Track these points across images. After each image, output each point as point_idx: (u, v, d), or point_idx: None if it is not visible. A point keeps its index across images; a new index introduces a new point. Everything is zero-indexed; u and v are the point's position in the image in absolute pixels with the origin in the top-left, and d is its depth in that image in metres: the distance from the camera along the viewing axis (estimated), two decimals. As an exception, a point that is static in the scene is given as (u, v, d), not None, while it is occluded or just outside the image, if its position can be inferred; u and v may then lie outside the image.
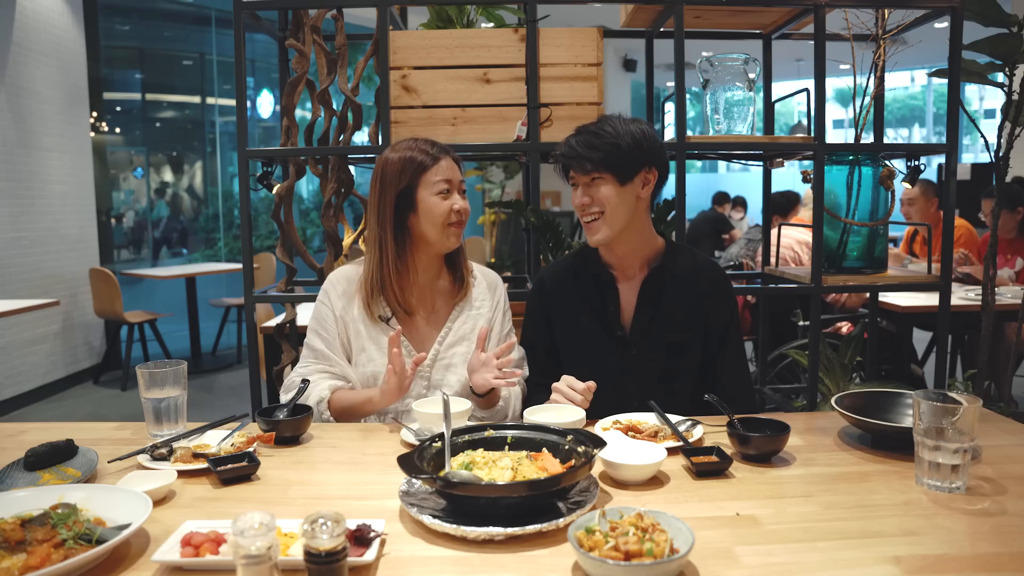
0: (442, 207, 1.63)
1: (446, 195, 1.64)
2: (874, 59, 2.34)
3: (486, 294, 1.77)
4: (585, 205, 1.63)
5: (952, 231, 2.35)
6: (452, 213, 1.63)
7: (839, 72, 3.35)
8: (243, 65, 2.21)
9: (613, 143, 1.58)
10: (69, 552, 0.91)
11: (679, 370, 1.68)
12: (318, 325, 1.69)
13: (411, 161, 1.64)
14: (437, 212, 1.62)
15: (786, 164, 2.71)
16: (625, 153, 1.59)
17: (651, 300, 1.68)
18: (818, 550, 0.97)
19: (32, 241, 5.07)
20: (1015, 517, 1.06)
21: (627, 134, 1.59)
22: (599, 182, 1.61)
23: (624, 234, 1.65)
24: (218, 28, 7.90)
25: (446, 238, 1.65)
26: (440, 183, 1.63)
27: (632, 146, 1.59)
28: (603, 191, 1.60)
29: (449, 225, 1.64)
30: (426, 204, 1.63)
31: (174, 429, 1.45)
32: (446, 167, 1.65)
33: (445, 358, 1.69)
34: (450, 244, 1.66)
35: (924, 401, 1.16)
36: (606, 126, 1.61)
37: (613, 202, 1.60)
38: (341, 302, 1.68)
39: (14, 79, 4.90)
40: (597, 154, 1.58)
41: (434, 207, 1.62)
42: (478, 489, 1.04)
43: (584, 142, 1.60)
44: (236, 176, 3.71)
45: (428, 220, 1.63)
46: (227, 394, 5.30)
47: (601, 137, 1.59)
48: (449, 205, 1.63)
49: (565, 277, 1.77)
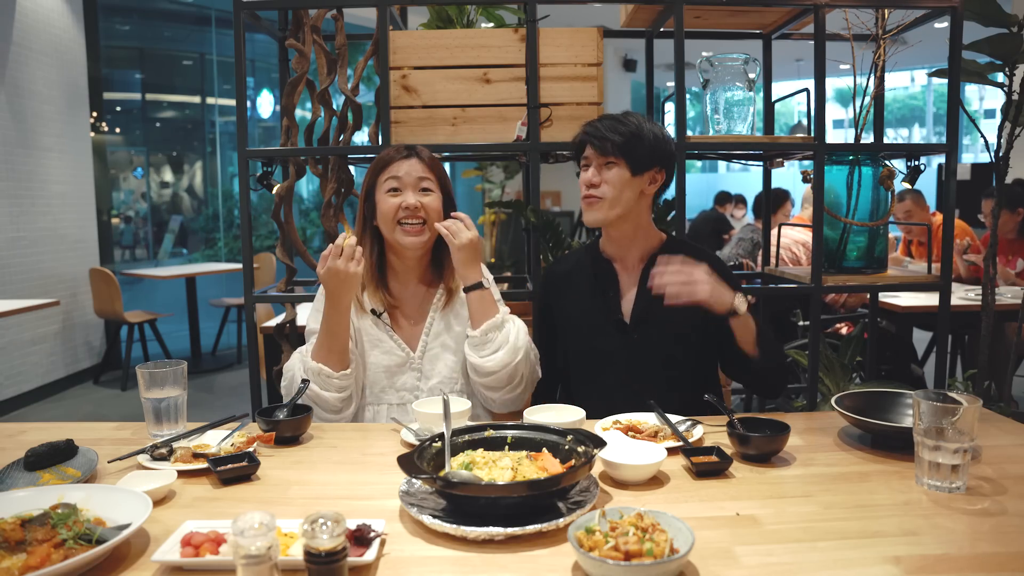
0: (388, 204, 1.65)
1: (395, 193, 1.66)
2: (874, 59, 2.34)
3: None
4: (593, 183, 1.66)
5: (952, 231, 2.35)
6: (399, 209, 1.64)
7: (839, 72, 3.35)
8: (243, 65, 2.21)
9: (636, 132, 1.65)
10: (69, 552, 0.91)
11: (680, 356, 1.70)
12: (316, 310, 1.73)
13: (375, 163, 1.71)
14: (384, 209, 1.66)
15: (786, 164, 2.71)
16: (644, 146, 1.65)
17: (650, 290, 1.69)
18: (818, 550, 0.97)
19: (32, 241, 5.07)
20: (1015, 517, 1.06)
21: (649, 131, 1.66)
22: (612, 166, 1.65)
23: (623, 223, 1.70)
24: (218, 28, 7.90)
25: (398, 236, 1.66)
26: (389, 181, 1.67)
27: (652, 142, 1.66)
28: (614, 174, 1.65)
29: (399, 223, 1.65)
30: (380, 204, 1.68)
31: (174, 429, 1.45)
32: (402, 166, 1.67)
33: (433, 347, 1.73)
34: (404, 243, 1.66)
35: (924, 401, 1.16)
36: (631, 118, 1.68)
37: (619, 188, 1.65)
38: None
39: (14, 79, 4.90)
40: (619, 138, 1.64)
41: (382, 204, 1.67)
42: (478, 489, 1.04)
43: (609, 126, 1.65)
44: (236, 176, 3.71)
45: (381, 219, 1.68)
46: (227, 394, 5.30)
47: (626, 125, 1.66)
48: (396, 202, 1.65)
49: (567, 270, 1.83)
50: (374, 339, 1.71)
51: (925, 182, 2.74)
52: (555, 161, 2.50)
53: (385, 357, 1.70)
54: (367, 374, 1.70)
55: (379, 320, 1.71)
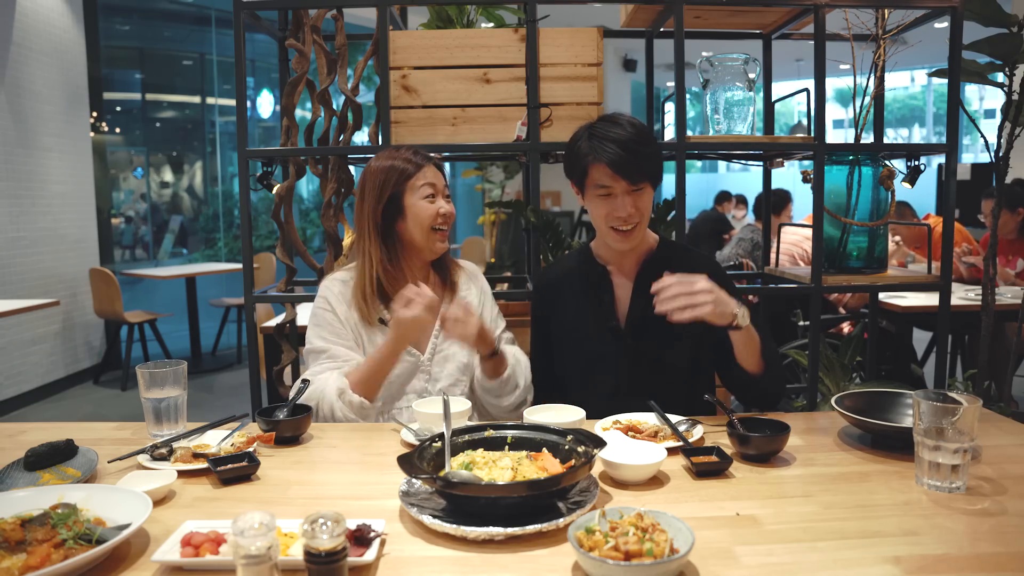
0: (429, 210, 1.67)
1: (432, 199, 1.68)
2: (874, 59, 2.34)
3: (469, 282, 1.83)
4: (631, 216, 1.59)
5: (952, 231, 2.35)
6: (438, 216, 1.68)
7: (839, 72, 3.35)
8: (243, 65, 2.21)
9: (658, 152, 1.61)
10: (69, 552, 0.91)
11: (674, 361, 1.68)
12: (318, 326, 1.69)
13: (393, 169, 1.68)
14: (424, 216, 1.67)
15: (786, 164, 2.71)
16: (661, 157, 1.63)
17: (645, 290, 1.68)
18: (818, 550, 0.97)
19: (32, 241, 5.07)
20: (1015, 517, 1.06)
21: (656, 140, 1.63)
22: (644, 190, 1.59)
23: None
24: (218, 28, 7.90)
25: (432, 242, 1.70)
26: (425, 187, 1.68)
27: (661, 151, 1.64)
28: (644, 200, 1.60)
29: (434, 229, 1.69)
30: (413, 209, 1.67)
31: (174, 429, 1.45)
32: (430, 173, 1.70)
33: (443, 350, 1.73)
34: (435, 249, 1.71)
35: (924, 401, 1.16)
36: (644, 131, 1.60)
37: (648, 209, 1.62)
38: (342, 306, 1.70)
39: (14, 79, 4.90)
40: (651, 165, 1.58)
41: (421, 211, 1.67)
42: (478, 489, 1.04)
43: (639, 153, 1.55)
44: (236, 176, 3.71)
45: (416, 224, 1.68)
46: (227, 394, 5.30)
47: (650, 145, 1.58)
48: (435, 208, 1.68)
49: (560, 275, 1.81)
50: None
51: (925, 182, 2.74)
52: (555, 161, 2.50)
53: (397, 365, 1.66)
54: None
55: (387, 327, 1.67)
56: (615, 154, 1.54)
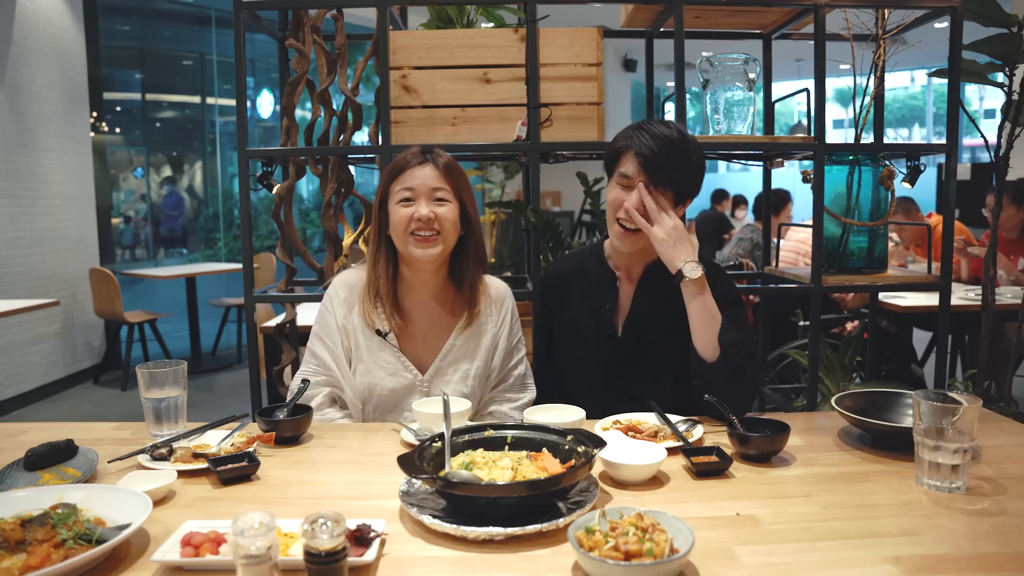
0: (400, 215, 1.57)
1: (407, 203, 1.58)
2: (874, 59, 2.33)
3: (491, 308, 1.71)
4: (638, 210, 1.55)
5: (952, 230, 2.35)
6: (411, 221, 1.56)
7: (839, 72, 3.35)
8: (243, 65, 2.21)
9: (691, 166, 1.58)
10: (69, 552, 0.91)
11: (671, 368, 1.66)
12: (322, 331, 1.68)
13: (389, 169, 1.63)
14: (395, 220, 1.58)
15: (786, 164, 2.71)
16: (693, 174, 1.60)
17: (646, 298, 1.68)
18: (818, 550, 0.97)
19: (32, 241, 5.07)
20: (1015, 517, 1.06)
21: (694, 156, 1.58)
22: (663, 197, 1.57)
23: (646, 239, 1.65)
24: (218, 28, 7.90)
25: (409, 248, 1.58)
26: (402, 191, 1.58)
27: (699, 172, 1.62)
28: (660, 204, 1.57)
29: (410, 234, 1.57)
30: (392, 214, 1.60)
31: (174, 429, 1.45)
32: (416, 174, 1.59)
33: (445, 374, 1.65)
34: (415, 255, 1.57)
35: (924, 401, 1.16)
36: (689, 142, 1.58)
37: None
38: (343, 310, 1.66)
39: (14, 79, 4.90)
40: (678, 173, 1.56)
41: (394, 215, 1.59)
42: (478, 489, 1.04)
43: (672, 156, 1.54)
44: (236, 176, 3.71)
45: (392, 230, 1.60)
46: (227, 394, 5.30)
47: (686, 156, 1.56)
48: (408, 213, 1.56)
49: (567, 272, 1.79)
50: (380, 361, 1.63)
51: (925, 182, 2.74)
52: (555, 161, 2.50)
53: (392, 380, 1.63)
54: (372, 397, 1.64)
55: (385, 341, 1.63)
56: (648, 148, 1.53)
